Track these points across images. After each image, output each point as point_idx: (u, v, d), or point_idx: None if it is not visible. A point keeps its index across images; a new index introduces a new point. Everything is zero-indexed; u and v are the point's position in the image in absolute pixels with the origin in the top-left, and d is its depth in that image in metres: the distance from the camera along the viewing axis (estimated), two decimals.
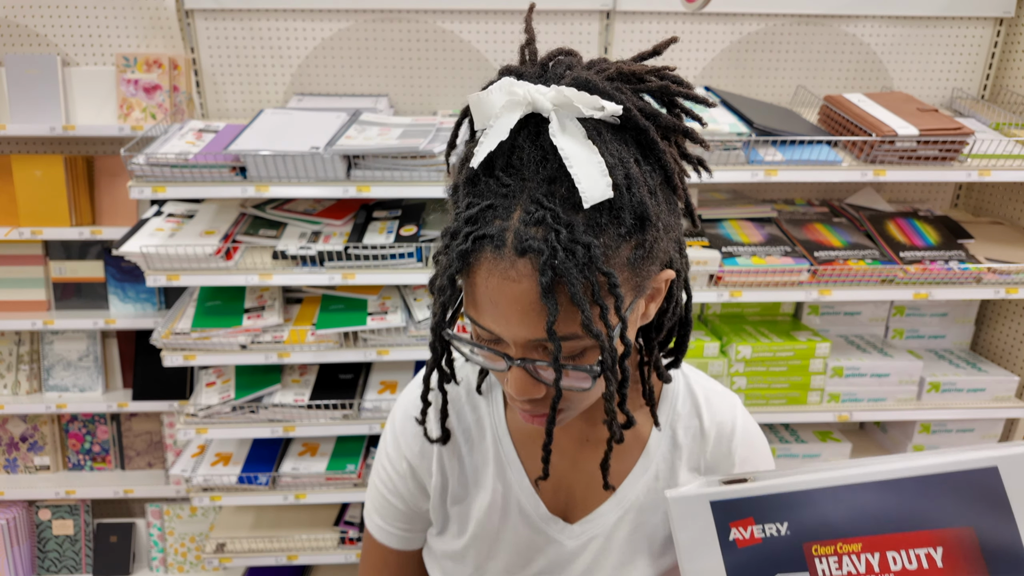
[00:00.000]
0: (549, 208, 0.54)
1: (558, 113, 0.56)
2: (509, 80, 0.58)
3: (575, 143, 0.55)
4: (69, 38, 1.94)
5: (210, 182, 1.63)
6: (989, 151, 1.74)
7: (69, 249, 2.10)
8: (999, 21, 2.04)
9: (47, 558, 2.32)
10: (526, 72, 0.61)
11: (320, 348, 1.79)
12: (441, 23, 1.96)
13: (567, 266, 0.53)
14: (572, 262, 0.53)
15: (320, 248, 1.70)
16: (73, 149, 2.06)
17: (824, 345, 1.88)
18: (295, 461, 1.95)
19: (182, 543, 2.31)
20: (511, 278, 0.55)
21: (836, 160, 1.69)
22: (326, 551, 2.02)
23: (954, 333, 2.12)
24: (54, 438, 2.27)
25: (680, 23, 1.99)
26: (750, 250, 1.79)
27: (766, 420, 1.91)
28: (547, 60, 0.63)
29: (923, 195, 2.21)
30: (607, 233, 0.55)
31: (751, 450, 0.78)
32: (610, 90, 0.57)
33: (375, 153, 1.62)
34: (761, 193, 2.14)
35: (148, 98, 1.90)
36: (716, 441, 0.77)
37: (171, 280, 1.67)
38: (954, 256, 1.80)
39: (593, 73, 0.59)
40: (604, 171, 0.54)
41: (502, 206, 0.56)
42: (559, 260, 0.53)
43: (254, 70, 1.98)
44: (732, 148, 1.66)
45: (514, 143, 0.56)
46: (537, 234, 0.54)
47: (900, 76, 2.09)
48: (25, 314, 2.05)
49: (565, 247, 0.53)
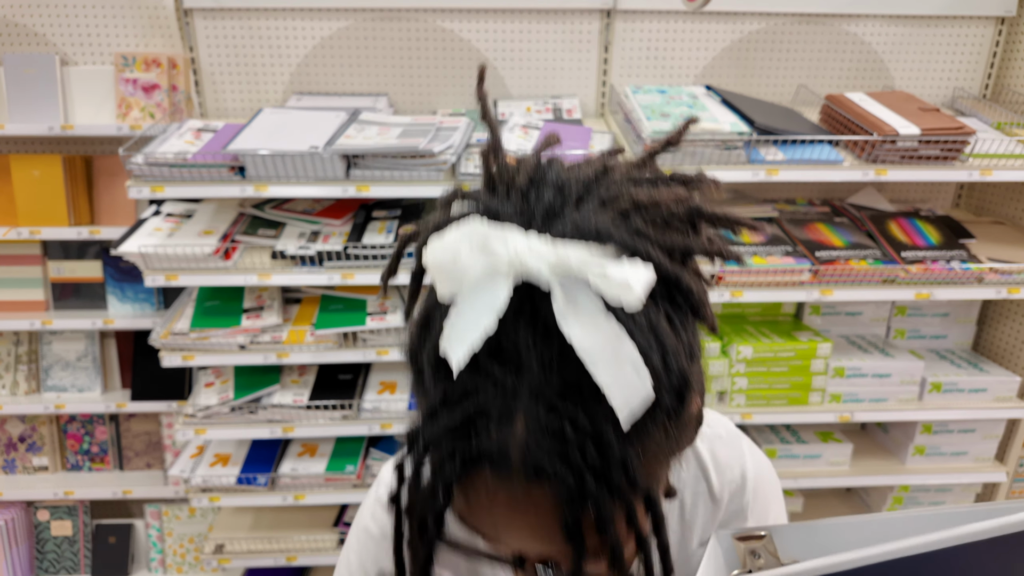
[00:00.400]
0: (566, 414, 0.41)
1: (564, 285, 0.41)
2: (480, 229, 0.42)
3: (593, 331, 0.40)
4: (67, 37, 1.93)
5: (209, 182, 1.62)
6: (991, 151, 1.73)
7: (67, 249, 2.09)
8: (1000, 20, 2.03)
9: (46, 559, 2.31)
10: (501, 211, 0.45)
11: (319, 348, 1.78)
12: (441, 22, 1.95)
13: (600, 496, 0.41)
14: (605, 489, 0.41)
15: (319, 248, 1.70)
16: (71, 149, 2.05)
17: (825, 345, 1.87)
18: (294, 462, 1.94)
19: (181, 544, 2.30)
20: (522, 505, 0.43)
21: (837, 160, 1.68)
22: (325, 552, 2.02)
23: (956, 333, 2.12)
24: (52, 438, 2.26)
25: (681, 22, 1.99)
26: (751, 250, 1.78)
27: (767, 421, 1.90)
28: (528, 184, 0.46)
29: (925, 195, 2.20)
30: (644, 433, 0.42)
31: (764, 500, 0.71)
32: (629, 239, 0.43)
33: (374, 152, 1.61)
34: (762, 193, 2.13)
35: (147, 97, 1.89)
36: (729, 501, 0.69)
37: (169, 280, 1.67)
38: (956, 256, 1.80)
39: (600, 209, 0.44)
40: (639, 365, 0.40)
41: (497, 411, 0.42)
42: (589, 488, 0.41)
43: (253, 69, 1.98)
44: (733, 148, 1.66)
45: (501, 320, 0.41)
46: (553, 450, 0.41)
47: (902, 75, 2.08)
48: (23, 314, 2.04)
49: (594, 469, 0.40)
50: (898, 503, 2.16)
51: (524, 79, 2.03)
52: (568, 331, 0.40)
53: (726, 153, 1.66)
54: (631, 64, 2.03)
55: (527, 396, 0.41)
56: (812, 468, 2.02)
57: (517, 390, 0.42)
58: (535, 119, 1.84)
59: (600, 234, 0.42)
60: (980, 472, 2.03)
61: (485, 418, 0.42)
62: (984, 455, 2.05)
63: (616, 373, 0.40)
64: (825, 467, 2.03)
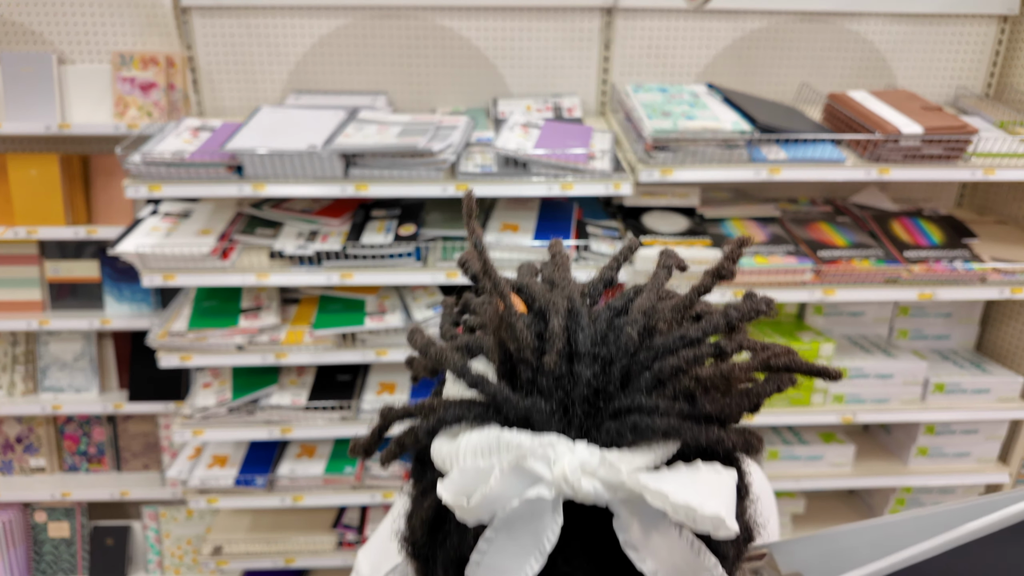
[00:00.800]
0: None
1: (628, 506, 0.34)
2: (510, 440, 0.34)
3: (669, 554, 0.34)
4: (65, 36, 1.92)
5: (206, 181, 1.61)
6: (994, 150, 1.72)
7: (64, 249, 2.08)
8: (1003, 19, 2.02)
9: (43, 561, 2.30)
10: (534, 411, 0.36)
11: (318, 349, 1.77)
12: (440, 20, 1.94)
13: None
14: None
15: (318, 248, 1.68)
16: (69, 148, 2.04)
17: (828, 345, 1.86)
18: (292, 463, 1.93)
19: (179, 546, 2.29)
20: None
21: (840, 159, 1.67)
22: (324, 554, 2.00)
23: (958, 333, 2.10)
24: (50, 440, 2.25)
25: (682, 20, 1.97)
26: (753, 249, 1.77)
27: (769, 421, 1.89)
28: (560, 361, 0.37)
29: (927, 194, 2.19)
30: None
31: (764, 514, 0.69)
32: (702, 434, 0.36)
33: (373, 151, 1.60)
34: (764, 192, 2.12)
35: (144, 96, 1.88)
36: None
37: (167, 280, 1.65)
38: (959, 256, 1.78)
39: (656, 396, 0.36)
40: (719, 573, 0.35)
41: None
42: None
43: (251, 67, 1.96)
44: (735, 146, 1.64)
45: None
46: None
47: (904, 74, 2.07)
48: (20, 314, 2.03)
49: None
50: (900, 504, 2.15)
51: (524, 77, 2.01)
52: (640, 564, 0.34)
53: (728, 152, 1.65)
54: (632, 62, 2.01)
55: None
56: (814, 469, 2.01)
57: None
58: (535, 117, 1.82)
59: (668, 435, 0.35)
60: (983, 473, 2.02)
61: None
62: (987, 456, 2.03)
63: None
64: (827, 468, 2.01)
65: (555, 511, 0.33)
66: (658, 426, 0.35)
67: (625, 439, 0.35)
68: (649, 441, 0.35)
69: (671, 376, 0.37)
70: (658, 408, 0.35)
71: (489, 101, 2.00)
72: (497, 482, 0.33)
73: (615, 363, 0.37)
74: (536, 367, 0.37)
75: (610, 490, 0.33)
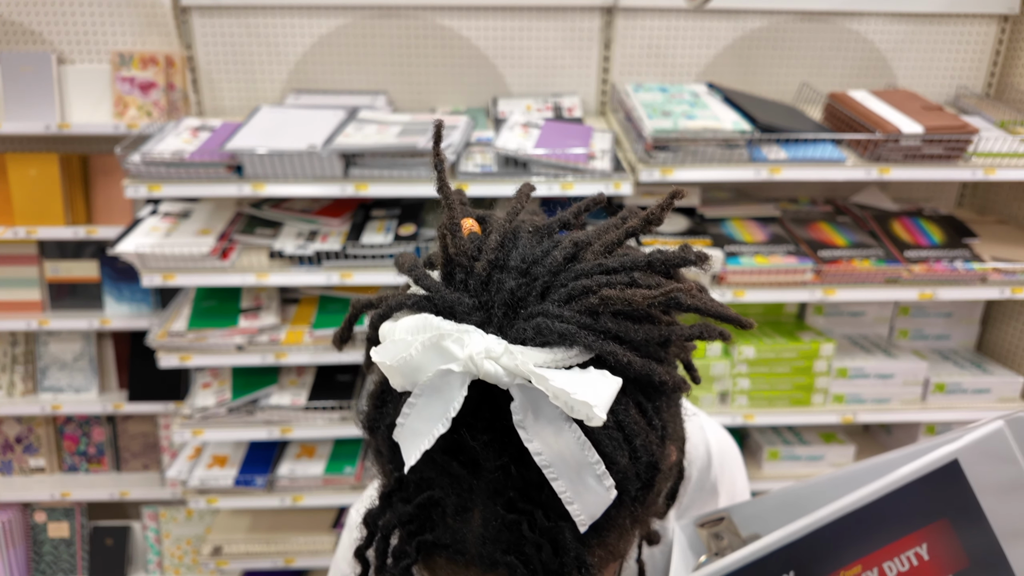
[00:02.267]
0: (524, 512, 0.41)
1: (523, 392, 0.39)
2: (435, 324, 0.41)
3: (555, 440, 0.39)
4: (64, 35, 1.92)
5: (206, 180, 1.61)
6: (994, 149, 1.71)
7: (64, 249, 2.07)
8: (1004, 18, 2.02)
9: (42, 561, 2.30)
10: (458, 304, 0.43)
11: (317, 349, 1.76)
12: (439, 19, 1.94)
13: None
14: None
15: (317, 247, 1.68)
16: (68, 147, 2.04)
17: (828, 345, 1.86)
18: (292, 463, 1.93)
19: (178, 546, 2.29)
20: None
21: (840, 158, 1.67)
22: (324, 554, 2.00)
23: (959, 333, 2.10)
24: (49, 440, 2.24)
25: (682, 19, 1.97)
26: (753, 249, 1.77)
27: (769, 422, 1.88)
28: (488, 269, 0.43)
29: (928, 194, 2.19)
30: (605, 527, 0.43)
31: (730, 472, 0.73)
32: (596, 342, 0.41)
33: (373, 151, 1.59)
34: (765, 192, 2.12)
35: (144, 96, 1.88)
36: (698, 478, 0.71)
37: (167, 280, 1.65)
38: (959, 255, 1.78)
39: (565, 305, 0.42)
40: (602, 473, 0.40)
41: (453, 505, 0.42)
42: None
43: (251, 67, 1.96)
44: (735, 146, 1.64)
45: (459, 415, 0.40)
46: (509, 545, 0.41)
47: (905, 73, 2.07)
48: (20, 314, 2.03)
49: (549, 569, 0.41)
50: None
51: (524, 77, 2.01)
52: (528, 442, 0.39)
53: (728, 152, 1.65)
54: (632, 62, 2.01)
55: (484, 493, 0.41)
56: (815, 469, 2.01)
57: (474, 487, 0.41)
58: (535, 117, 1.82)
59: (564, 338, 0.40)
60: None
61: (441, 509, 0.42)
62: None
63: (576, 484, 0.39)
64: (828, 469, 2.01)
65: (462, 386, 0.39)
66: (556, 329, 0.40)
67: (530, 338, 0.41)
68: (550, 342, 0.40)
69: (581, 294, 0.42)
70: (562, 316, 0.41)
71: (489, 101, 1.99)
72: (418, 352, 0.39)
73: (538, 279, 0.43)
74: (469, 270, 0.44)
75: (508, 374, 0.38)
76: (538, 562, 0.41)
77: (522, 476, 0.41)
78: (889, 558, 0.56)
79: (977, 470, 0.53)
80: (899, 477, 0.55)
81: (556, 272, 0.43)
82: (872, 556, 0.56)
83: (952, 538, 0.54)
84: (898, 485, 0.55)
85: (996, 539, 0.54)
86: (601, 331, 0.41)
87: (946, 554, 0.55)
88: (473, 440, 0.41)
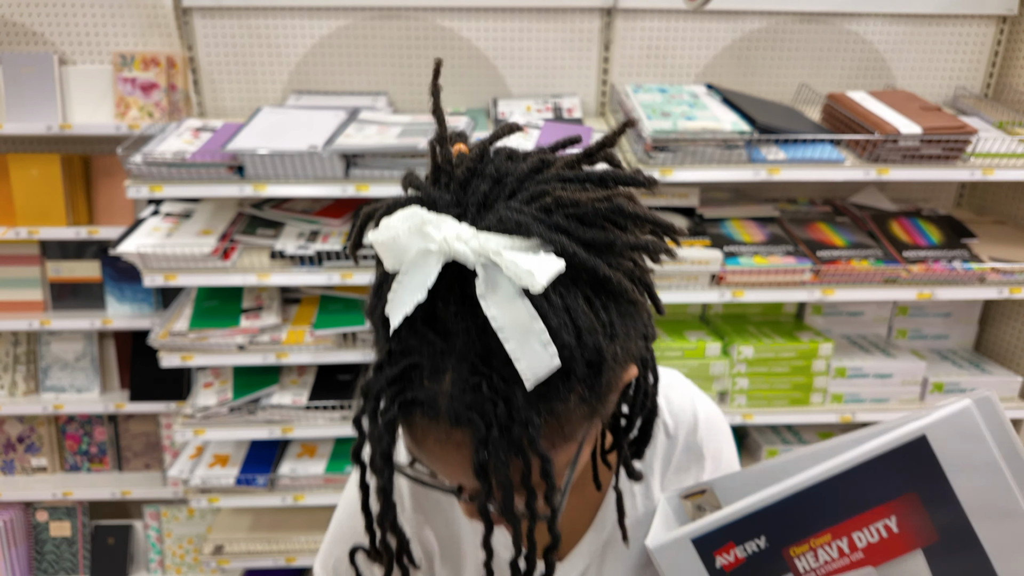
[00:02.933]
0: (484, 374, 0.48)
1: (486, 269, 0.48)
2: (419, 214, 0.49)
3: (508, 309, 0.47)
4: (66, 36, 1.92)
5: (207, 181, 1.61)
6: (993, 150, 1.72)
7: (66, 249, 2.08)
8: (1002, 19, 2.03)
9: (44, 560, 2.30)
10: (439, 200, 0.51)
11: (318, 349, 1.77)
12: (440, 21, 1.94)
13: (499, 448, 0.48)
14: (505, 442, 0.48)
15: (318, 248, 1.69)
16: (70, 148, 2.04)
17: (827, 345, 1.86)
18: (293, 462, 1.94)
19: (180, 545, 2.30)
20: (449, 445, 0.51)
21: (839, 159, 1.68)
22: None
23: (957, 333, 2.11)
24: (51, 439, 2.25)
25: (681, 20, 1.98)
26: (752, 249, 1.78)
27: (768, 421, 1.89)
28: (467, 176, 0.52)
29: (926, 194, 2.20)
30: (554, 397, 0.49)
31: (716, 436, 0.78)
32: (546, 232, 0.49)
33: (374, 152, 1.60)
34: (763, 192, 2.12)
35: (145, 97, 1.89)
36: (685, 438, 0.76)
37: (168, 280, 1.66)
38: (957, 256, 1.79)
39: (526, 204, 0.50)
40: (546, 340, 0.47)
41: (429, 368, 0.50)
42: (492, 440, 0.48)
43: (252, 68, 1.97)
44: (734, 147, 1.65)
45: (435, 291, 0.49)
46: (472, 403, 0.48)
47: (903, 74, 2.08)
48: (21, 314, 2.04)
49: (501, 425, 0.48)
50: None
51: (524, 78, 2.02)
52: (486, 309, 0.47)
53: (727, 152, 1.65)
54: (632, 63, 2.02)
55: (455, 357, 0.49)
56: None
57: (446, 352, 0.49)
58: (535, 118, 1.83)
59: (520, 227, 0.49)
60: None
61: (419, 371, 0.50)
62: None
63: (524, 346, 0.47)
64: None
65: (438, 263, 0.48)
66: (514, 219, 0.48)
67: (494, 225, 0.49)
68: (509, 230, 0.48)
69: (540, 195, 0.51)
70: (521, 211, 0.49)
71: (489, 101, 2.00)
72: (404, 235, 0.49)
73: (507, 185, 0.52)
74: (451, 175, 0.53)
75: (474, 254, 0.47)
76: (493, 418, 0.48)
77: (484, 343, 0.48)
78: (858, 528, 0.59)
79: (945, 447, 0.55)
80: (867, 450, 0.57)
81: (522, 180, 0.52)
82: (841, 526, 0.59)
83: (921, 513, 0.57)
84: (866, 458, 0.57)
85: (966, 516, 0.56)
86: (552, 224, 0.50)
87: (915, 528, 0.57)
88: (445, 310, 0.49)
